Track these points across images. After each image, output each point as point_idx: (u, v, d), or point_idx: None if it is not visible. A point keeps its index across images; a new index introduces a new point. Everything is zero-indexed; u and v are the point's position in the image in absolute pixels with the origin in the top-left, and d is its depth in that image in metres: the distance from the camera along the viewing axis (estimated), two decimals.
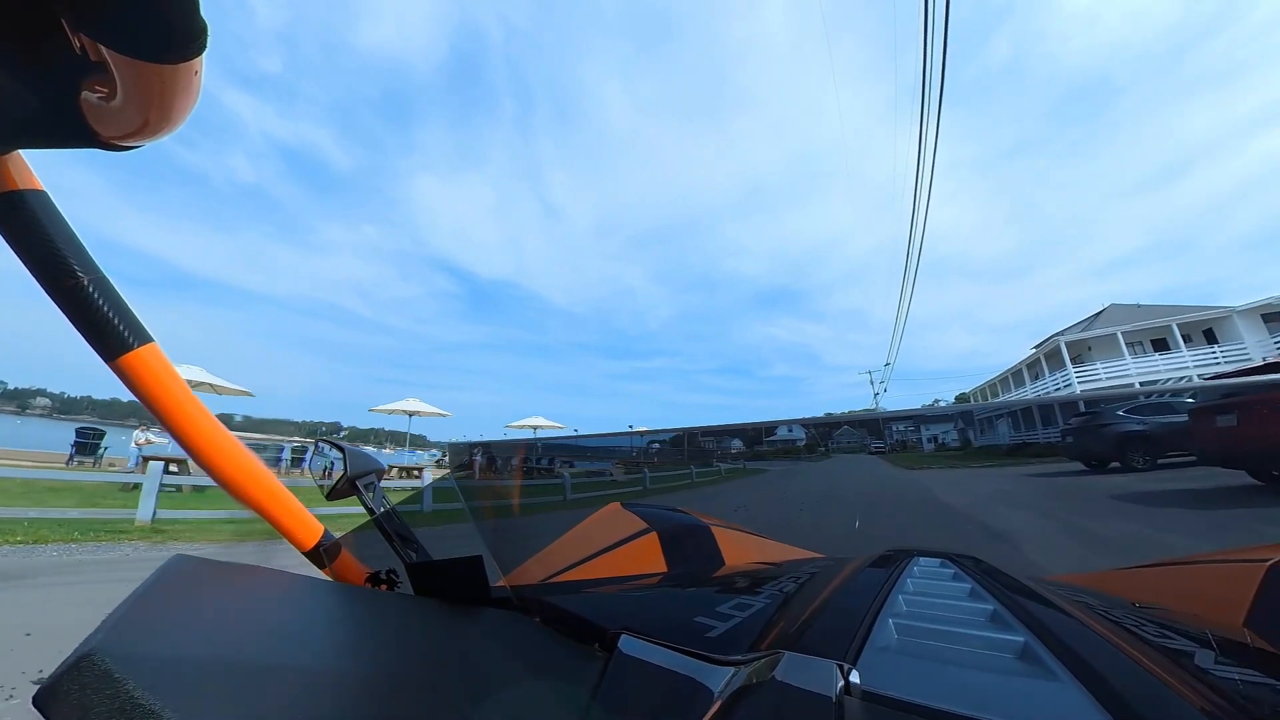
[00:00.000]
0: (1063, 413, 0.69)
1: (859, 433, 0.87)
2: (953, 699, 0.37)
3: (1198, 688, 0.36)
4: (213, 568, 0.52)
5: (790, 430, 0.91)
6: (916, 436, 0.81)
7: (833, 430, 0.90)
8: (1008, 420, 0.73)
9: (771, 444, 0.93)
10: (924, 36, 7.69)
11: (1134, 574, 0.57)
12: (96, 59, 0.32)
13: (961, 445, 0.78)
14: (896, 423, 0.86)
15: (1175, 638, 0.47)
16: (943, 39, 7.69)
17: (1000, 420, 0.75)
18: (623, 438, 1.12)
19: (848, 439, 0.88)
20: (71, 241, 0.50)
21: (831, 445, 0.86)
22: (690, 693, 0.45)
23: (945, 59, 7.84)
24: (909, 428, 0.84)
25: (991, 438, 0.76)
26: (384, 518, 0.82)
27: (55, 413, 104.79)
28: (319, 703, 0.35)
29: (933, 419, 0.86)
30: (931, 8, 7.76)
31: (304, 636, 0.46)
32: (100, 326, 0.52)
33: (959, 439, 0.79)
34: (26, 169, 0.48)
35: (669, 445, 1.00)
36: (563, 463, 1.14)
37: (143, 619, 0.38)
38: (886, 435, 0.82)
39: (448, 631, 0.59)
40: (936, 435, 0.82)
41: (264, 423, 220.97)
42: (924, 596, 0.58)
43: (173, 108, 0.36)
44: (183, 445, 0.59)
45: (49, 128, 0.39)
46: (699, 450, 1.00)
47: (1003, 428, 0.75)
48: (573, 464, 1.14)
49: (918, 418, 0.85)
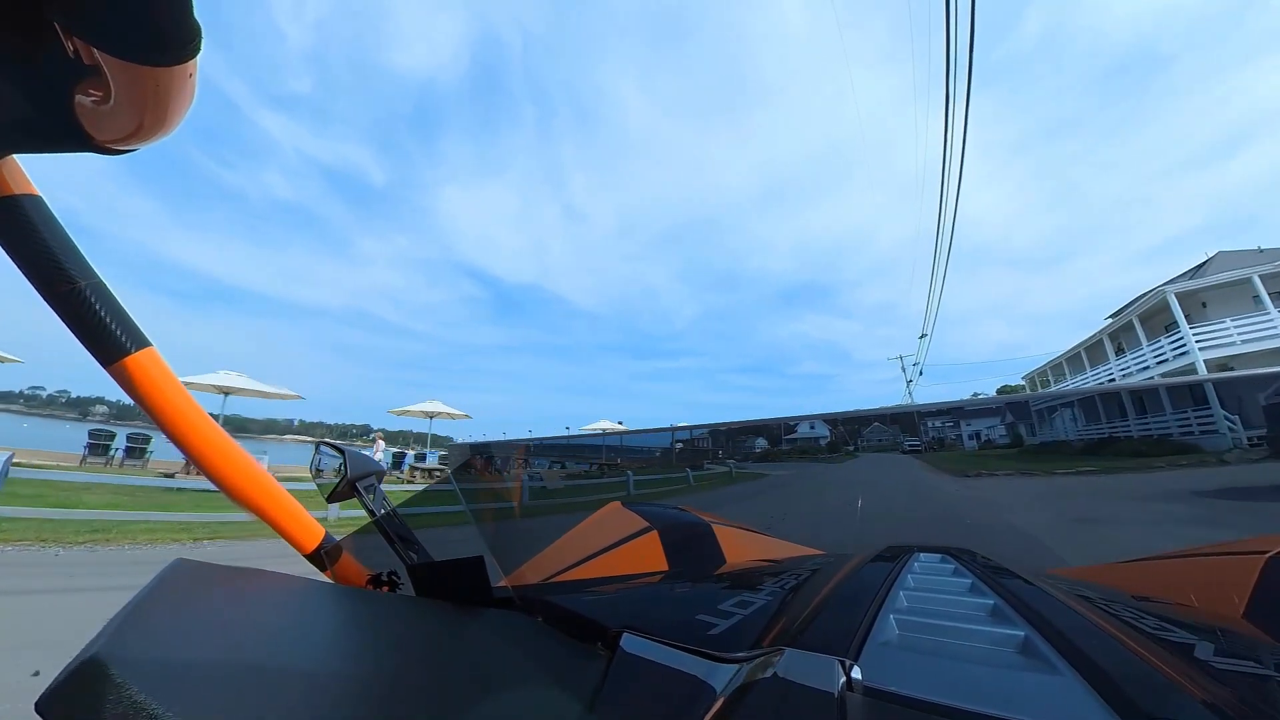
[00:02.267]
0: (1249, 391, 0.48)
1: (891, 429, 0.74)
2: (954, 694, 0.38)
3: (1198, 679, 0.37)
4: (214, 571, 0.52)
5: (812, 427, 0.82)
6: (969, 433, 0.65)
7: (861, 427, 0.76)
8: (1116, 407, 0.56)
9: (791, 442, 0.84)
10: (949, 8, 7.16)
11: (1133, 567, 0.57)
12: (90, 62, 0.32)
13: (1052, 443, 0.62)
14: (934, 418, 0.71)
15: (1175, 630, 0.47)
16: (970, 12, 7.04)
17: (1097, 408, 0.58)
18: (631, 436, 1.12)
19: (878, 436, 0.75)
20: (67, 246, 0.50)
21: (861, 442, 0.75)
22: (693, 690, 0.45)
23: (974, 32, 6.91)
24: (950, 423, 0.69)
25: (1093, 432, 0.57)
26: (384, 519, 0.82)
27: (111, 419, 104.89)
28: (322, 705, 0.35)
29: (992, 411, 0.67)
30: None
31: (306, 639, 0.46)
32: (97, 331, 0.52)
33: (1047, 435, 0.62)
34: (21, 174, 0.48)
35: (673, 444, 0.96)
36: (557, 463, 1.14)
37: (145, 623, 0.38)
38: (923, 432, 0.69)
39: (450, 632, 0.59)
40: (1003, 430, 0.64)
41: (305, 426, 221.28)
42: (925, 592, 0.58)
43: (167, 110, 0.36)
44: (181, 449, 0.59)
45: (43, 132, 0.39)
46: (700, 452, 0.96)
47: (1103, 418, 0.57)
48: (564, 464, 1.13)
49: (971, 410, 0.68)
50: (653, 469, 1.01)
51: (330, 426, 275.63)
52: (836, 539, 0.81)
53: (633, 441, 1.09)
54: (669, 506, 0.99)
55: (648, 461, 1.00)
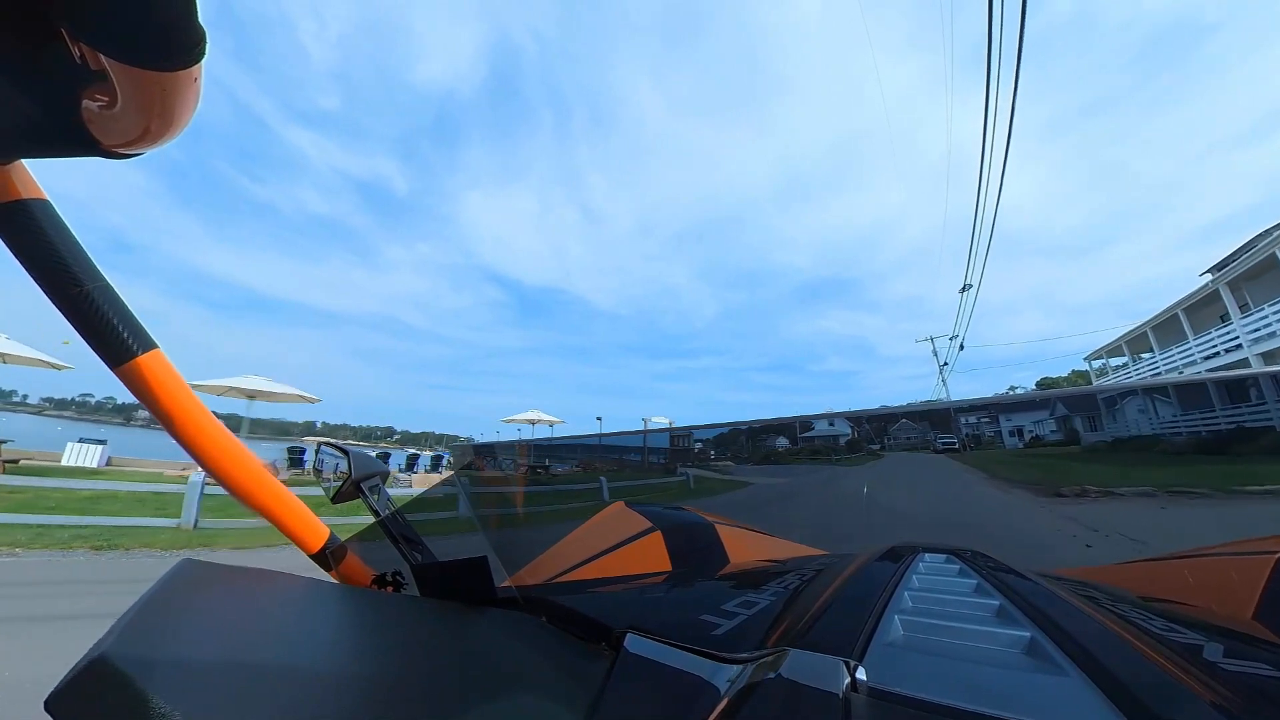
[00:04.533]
0: None
1: (920, 426, 0.63)
2: (959, 695, 0.37)
3: (1206, 681, 0.36)
4: (220, 571, 0.52)
5: (831, 424, 0.74)
6: (1009, 429, 0.55)
7: (888, 424, 0.68)
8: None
9: (805, 440, 0.76)
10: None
11: (1140, 567, 0.57)
12: (97, 68, 0.32)
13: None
14: (971, 415, 0.60)
15: (1183, 631, 0.46)
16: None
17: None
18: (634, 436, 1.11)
19: (905, 434, 0.65)
20: (75, 250, 0.51)
21: (889, 441, 0.67)
22: (697, 690, 0.45)
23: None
24: (987, 419, 0.59)
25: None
26: (389, 520, 0.82)
27: (151, 424, 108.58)
28: (327, 705, 0.35)
29: (1036, 405, 0.53)
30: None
31: (312, 638, 0.46)
32: (104, 333, 0.53)
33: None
34: (30, 178, 0.48)
35: (680, 445, 0.92)
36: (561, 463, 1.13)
37: (153, 622, 0.38)
38: (958, 430, 0.59)
39: (454, 632, 0.60)
40: (1054, 426, 0.52)
41: (328, 428, 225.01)
42: (930, 592, 0.57)
43: (173, 115, 0.36)
44: (188, 450, 0.60)
45: (51, 136, 0.39)
46: (708, 452, 0.93)
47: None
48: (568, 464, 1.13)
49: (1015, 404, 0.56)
50: (657, 470, 1.01)
51: (354, 429, 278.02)
52: (840, 539, 0.79)
53: (640, 442, 1.09)
54: (673, 507, 0.99)
55: (652, 462, 1.00)
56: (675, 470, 0.97)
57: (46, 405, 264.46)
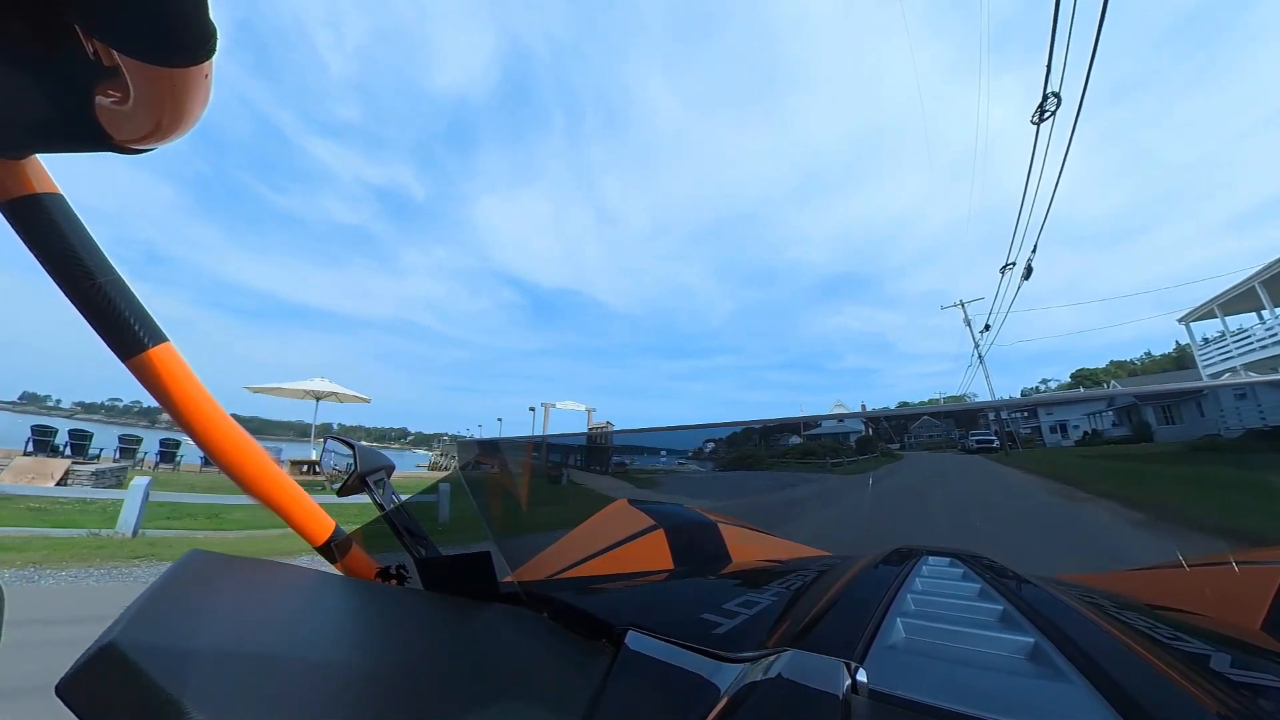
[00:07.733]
0: None
1: (944, 424, 0.60)
2: (961, 699, 0.37)
3: (1212, 691, 0.36)
4: (227, 562, 0.53)
5: (840, 422, 0.72)
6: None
7: (909, 422, 0.63)
8: None
9: (813, 439, 0.74)
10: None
11: (1147, 574, 0.56)
12: (109, 64, 0.33)
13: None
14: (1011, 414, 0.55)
15: (1189, 640, 0.46)
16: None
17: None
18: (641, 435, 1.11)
19: (928, 431, 0.61)
20: (88, 244, 0.51)
21: (909, 440, 0.63)
22: (697, 689, 0.45)
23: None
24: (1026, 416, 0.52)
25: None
26: (394, 514, 0.83)
27: (173, 426, 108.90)
28: (332, 694, 0.36)
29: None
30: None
31: (317, 630, 0.47)
32: (116, 326, 0.53)
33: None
34: (44, 173, 0.49)
35: (690, 443, 0.93)
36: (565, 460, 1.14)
37: (161, 612, 0.39)
38: (988, 427, 0.54)
39: (457, 626, 0.60)
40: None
41: (344, 430, 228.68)
42: (933, 596, 0.57)
43: (184, 110, 0.36)
44: (197, 442, 0.60)
45: (65, 132, 0.40)
46: (715, 451, 0.93)
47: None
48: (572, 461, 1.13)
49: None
50: (663, 469, 1.01)
51: (369, 430, 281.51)
52: (844, 541, 0.78)
53: (645, 441, 1.09)
54: (675, 505, 0.99)
55: (658, 461, 1.00)
56: (679, 469, 0.97)
57: (78, 409, 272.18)
